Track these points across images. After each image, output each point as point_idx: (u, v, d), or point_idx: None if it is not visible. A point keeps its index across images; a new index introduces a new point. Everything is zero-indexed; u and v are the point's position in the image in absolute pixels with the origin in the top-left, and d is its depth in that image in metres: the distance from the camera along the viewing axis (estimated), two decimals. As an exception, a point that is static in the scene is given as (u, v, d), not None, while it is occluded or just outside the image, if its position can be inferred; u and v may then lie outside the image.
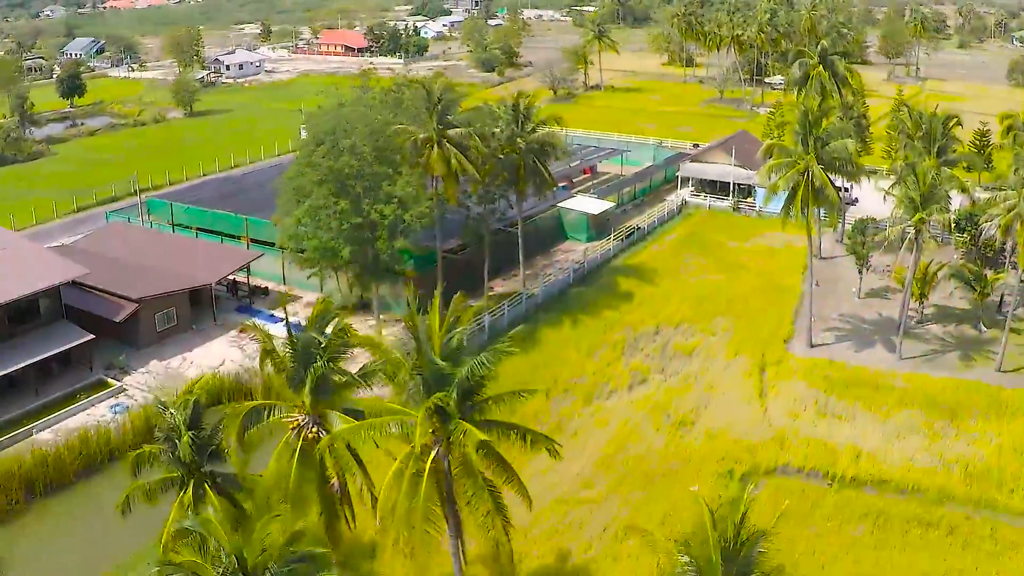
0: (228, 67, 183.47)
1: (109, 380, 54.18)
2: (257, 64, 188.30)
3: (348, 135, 52.94)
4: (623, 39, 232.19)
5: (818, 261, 72.36)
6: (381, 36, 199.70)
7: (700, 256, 73.01)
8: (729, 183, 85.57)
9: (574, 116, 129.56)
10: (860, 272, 64.60)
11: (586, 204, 76.36)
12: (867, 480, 43.14)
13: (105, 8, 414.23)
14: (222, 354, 58.70)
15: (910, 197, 51.40)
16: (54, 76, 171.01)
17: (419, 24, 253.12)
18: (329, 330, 32.16)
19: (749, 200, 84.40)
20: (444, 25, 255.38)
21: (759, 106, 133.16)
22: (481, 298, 63.71)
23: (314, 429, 31.21)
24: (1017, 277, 59.39)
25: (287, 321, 32.89)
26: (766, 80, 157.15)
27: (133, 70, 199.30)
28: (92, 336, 53.67)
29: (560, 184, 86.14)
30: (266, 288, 67.65)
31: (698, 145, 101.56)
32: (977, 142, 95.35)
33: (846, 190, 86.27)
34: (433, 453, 28.25)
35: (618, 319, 60.92)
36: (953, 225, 66.18)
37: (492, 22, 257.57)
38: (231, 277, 65.68)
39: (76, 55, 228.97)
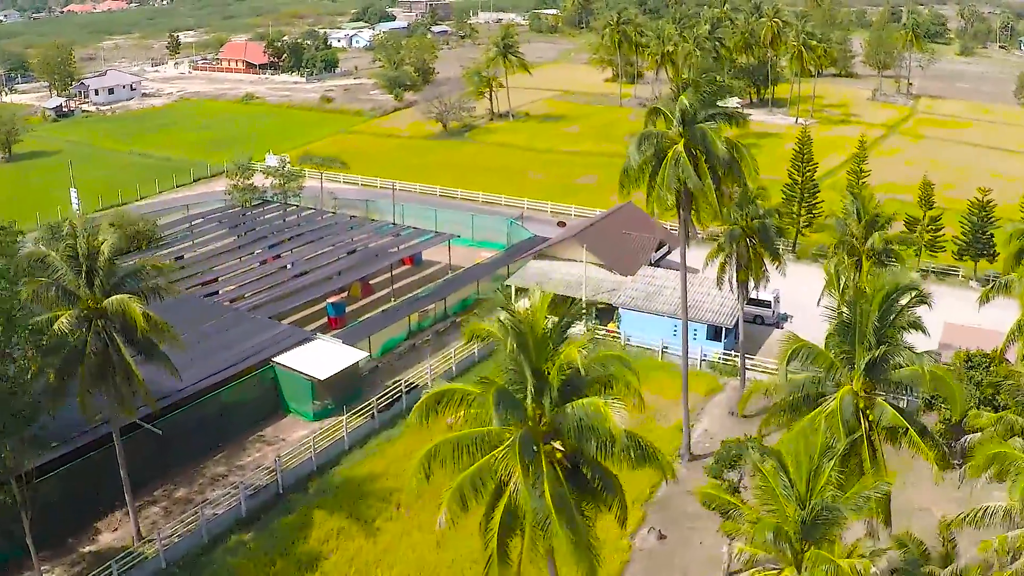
0: (96, 91, 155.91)
1: None
2: (132, 87, 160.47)
3: None
4: (581, 46, 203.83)
5: (682, 467, 42.94)
6: (283, 50, 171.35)
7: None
8: (582, 297, 56.59)
9: (447, 160, 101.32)
10: (728, 552, 34.83)
11: (317, 358, 47.57)
12: None
13: (62, 13, 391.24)
14: None
15: (775, 530, 21.79)
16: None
17: (352, 33, 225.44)
18: None
19: (612, 327, 55.42)
20: (382, 33, 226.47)
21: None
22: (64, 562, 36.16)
23: None
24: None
25: None
26: (718, 104, 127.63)
27: (5, 94, 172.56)
28: None
29: (333, 299, 58.03)
30: None
31: (562, 224, 72.51)
32: (975, 216, 65.54)
33: (767, 304, 57.38)
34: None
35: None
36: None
37: (436, 29, 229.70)
38: None
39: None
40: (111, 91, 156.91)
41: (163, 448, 42.47)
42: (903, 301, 26.67)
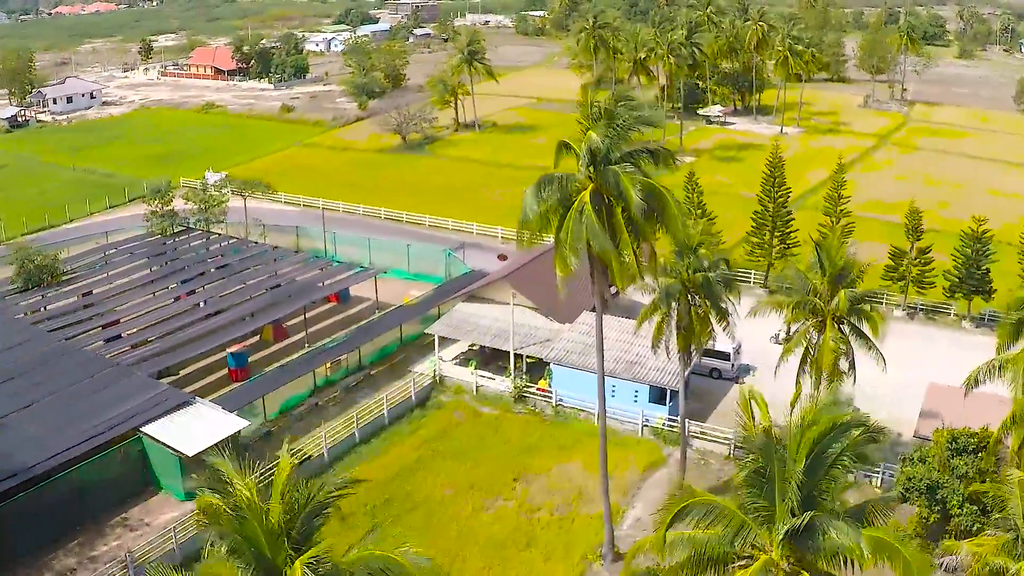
0: (55, 100, 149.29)
1: None
2: (92, 95, 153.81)
3: None
4: (564, 50, 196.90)
5: (604, 571, 36.07)
6: (251, 56, 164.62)
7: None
8: (509, 350, 49.57)
9: (400, 177, 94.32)
10: None
11: (191, 427, 40.85)
12: None
13: (50, 15, 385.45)
14: None
15: None
16: None
17: (331, 36, 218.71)
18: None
19: (542, 385, 48.51)
20: (364, 36, 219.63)
21: (683, 155, 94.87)
22: None
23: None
24: None
25: None
26: (699, 112, 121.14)
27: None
28: None
29: (234, 348, 51.47)
30: None
31: (503, 258, 65.40)
32: (969, 249, 58.09)
33: (726, 356, 50.07)
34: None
35: None
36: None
37: (419, 32, 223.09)
38: None
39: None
40: (69, 100, 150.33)
41: (4, 535, 36.37)
42: (847, 437, 19.64)
